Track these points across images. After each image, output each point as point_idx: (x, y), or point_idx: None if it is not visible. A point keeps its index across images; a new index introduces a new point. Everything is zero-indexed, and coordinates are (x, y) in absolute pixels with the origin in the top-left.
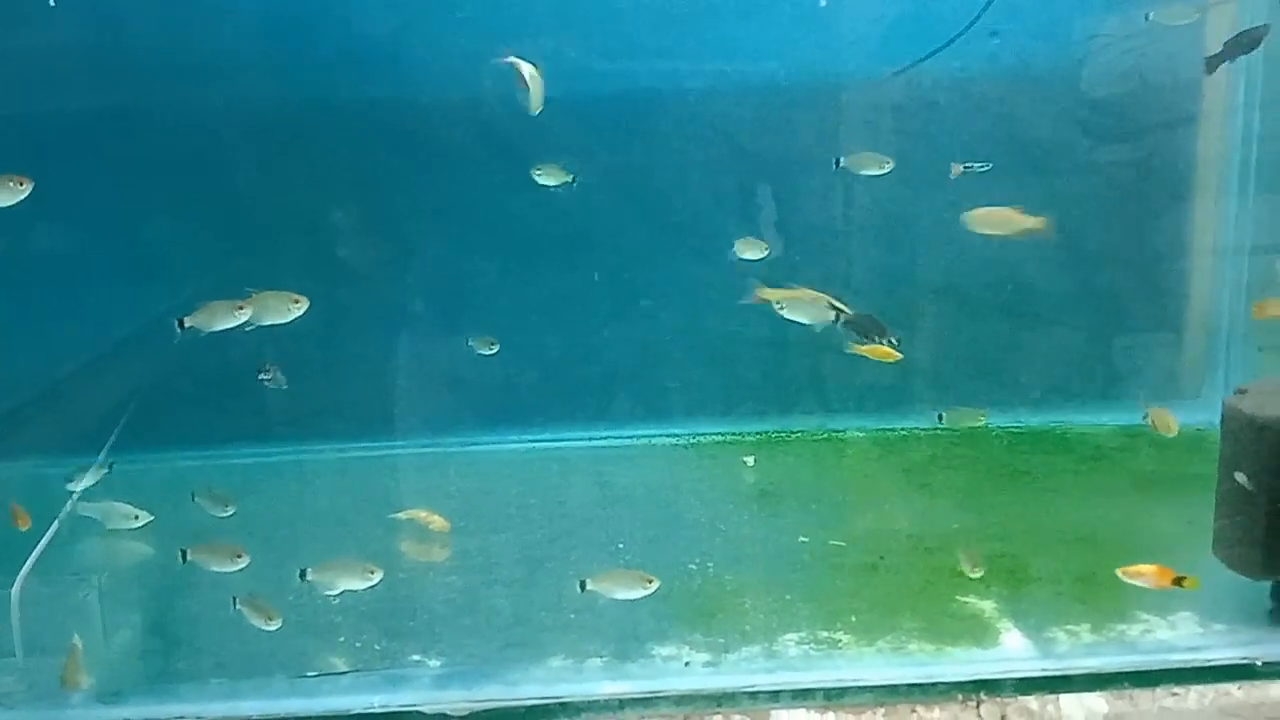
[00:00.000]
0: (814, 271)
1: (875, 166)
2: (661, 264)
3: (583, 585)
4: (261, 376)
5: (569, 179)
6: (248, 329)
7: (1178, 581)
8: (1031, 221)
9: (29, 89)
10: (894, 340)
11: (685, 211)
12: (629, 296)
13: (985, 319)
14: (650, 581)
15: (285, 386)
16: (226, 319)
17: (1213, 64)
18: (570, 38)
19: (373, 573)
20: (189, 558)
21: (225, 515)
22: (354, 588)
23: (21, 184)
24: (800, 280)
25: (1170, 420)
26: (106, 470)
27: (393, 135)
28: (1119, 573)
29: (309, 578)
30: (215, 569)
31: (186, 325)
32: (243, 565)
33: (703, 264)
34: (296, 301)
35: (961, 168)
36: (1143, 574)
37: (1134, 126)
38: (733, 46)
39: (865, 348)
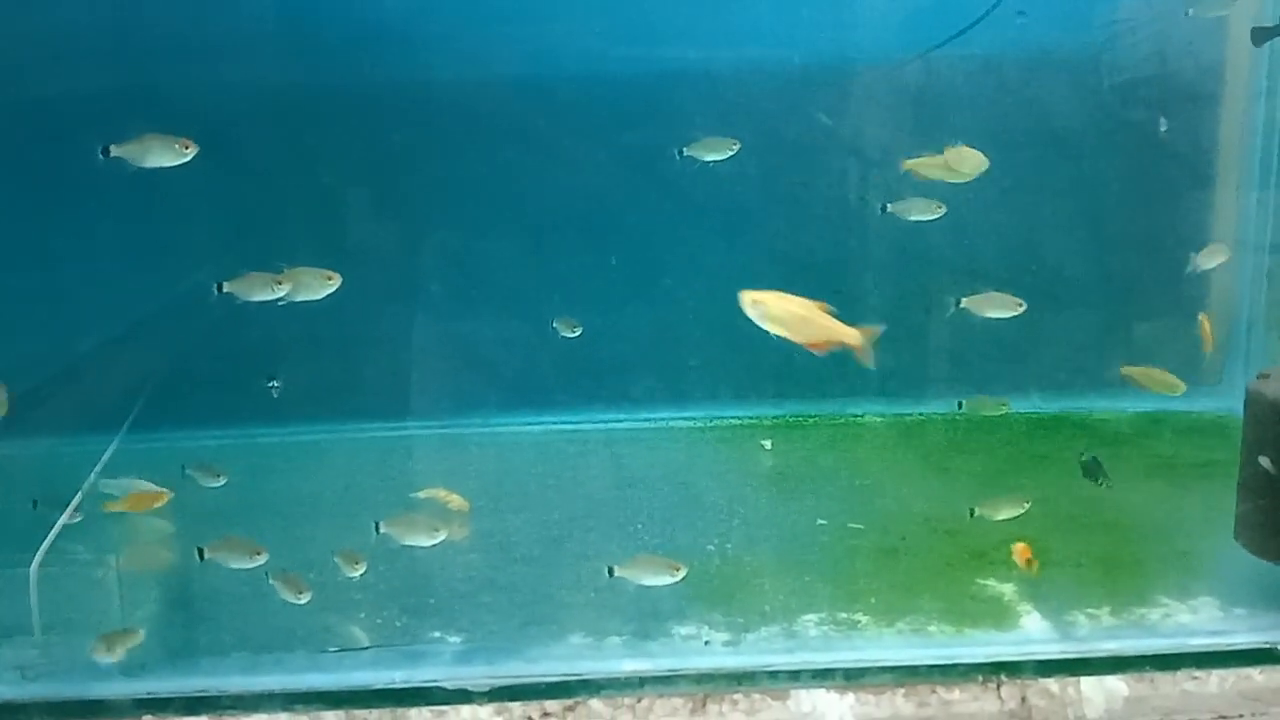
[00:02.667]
0: (831, 255)
1: (721, 151)
2: (681, 246)
3: (611, 571)
4: (271, 384)
5: (734, 148)
6: (280, 303)
7: (1028, 563)
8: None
9: (45, 69)
10: None
11: (705, 193)
12: (648, 278)
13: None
14: (678, 569)
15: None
16: (263, 290)
17: (1260, 37)
18: (588, 19)
19: (438, 530)
20: (207, 556)
21: (216, 485)
22: (421, 544)
23: (187, 147)
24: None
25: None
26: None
27: (412, 116)
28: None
29: (382, 530)
30: (234, 566)
31: (224, 290)
32: (261, 562)
33: (722, 246)
34: (330, 278)
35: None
36: (1015, 551)
37: (1157, 111)
38: (753, 29)
39: None
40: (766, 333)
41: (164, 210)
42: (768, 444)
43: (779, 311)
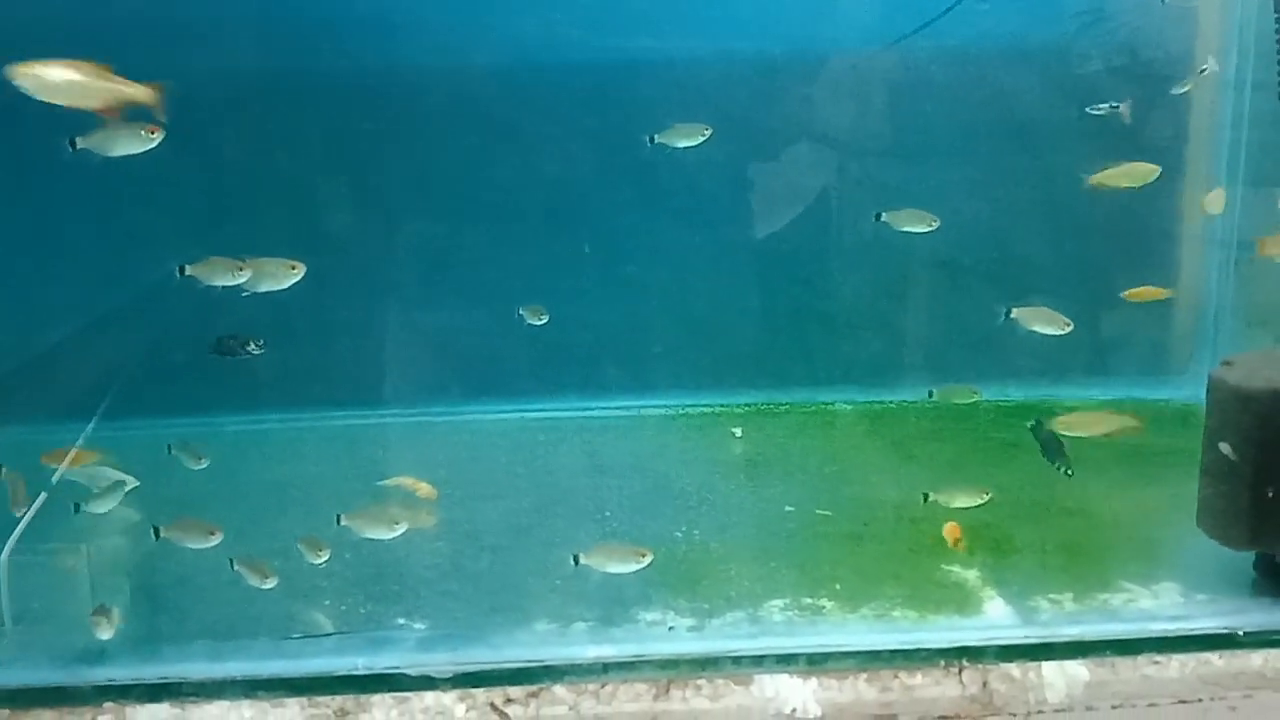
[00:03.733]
0: (799, 244)
1: (693, 137)
2: (648, 234)
3: (576, 560)
4: (249, 347)
5: (706, 134)
6: (243, 294)
7: (956, 543)
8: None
9: (4, 54)
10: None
11: (674, 181)
12: (616, 266)
13: (974, 292)
14: (644, 555)
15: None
16: (225, 275)
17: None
18: (558, 6)
19: (397, 523)
20: (162, 535)
21: (200, 467)
22: (381, 537)
23: (153, 132)
24: (785, 252)
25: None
26: None
27: (379, 103)
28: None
29: (342, 523)
30: (191, 545)
31: (186, 273)
32: (216, 542)
33: (691, 234)
34: (294, 268)
35: None
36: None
37: (1125, 100)
38: (722, 17)
39: None
40: (736, 320)
41: (133, 197)
42: (738, 431)
43: (58, 79)
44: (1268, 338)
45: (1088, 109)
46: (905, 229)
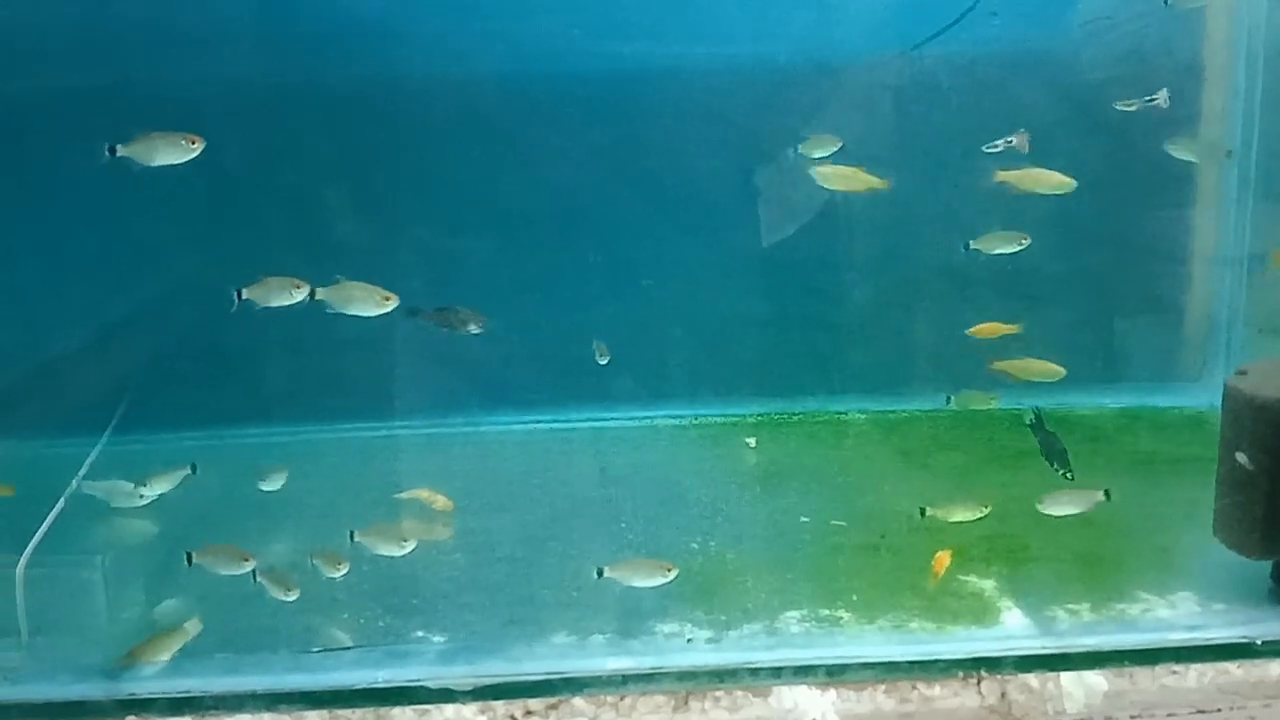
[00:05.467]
0: (810, 253)
1: (827, 147)
2: (659, 243)
3: (600, 572)
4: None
5: (838, 146)
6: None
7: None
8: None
9: (12, 63)
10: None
11: (683, 191)
12: (628, 276)
13: (986, 301)
14: (669, 569)
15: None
16: (283, 295)
17: None
18: (564, 15)
19: (407, 541)
20: (194, 561)
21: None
22: (392, 554)
23: (194, 143)
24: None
25: None
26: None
27: (386, 113)
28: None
29: (356, 540)
30: (222, 572)
31: (244, 297)
32: (249, 569)
33: (701, 243)
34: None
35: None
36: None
37: (1161, 90)
38: (729, 25)
39: None
40: (748, 329)
41: (140, 208)
42: (751, 442)
43: None
44: (1279, 345)
45: (1118, 104)
46: (997, 252)
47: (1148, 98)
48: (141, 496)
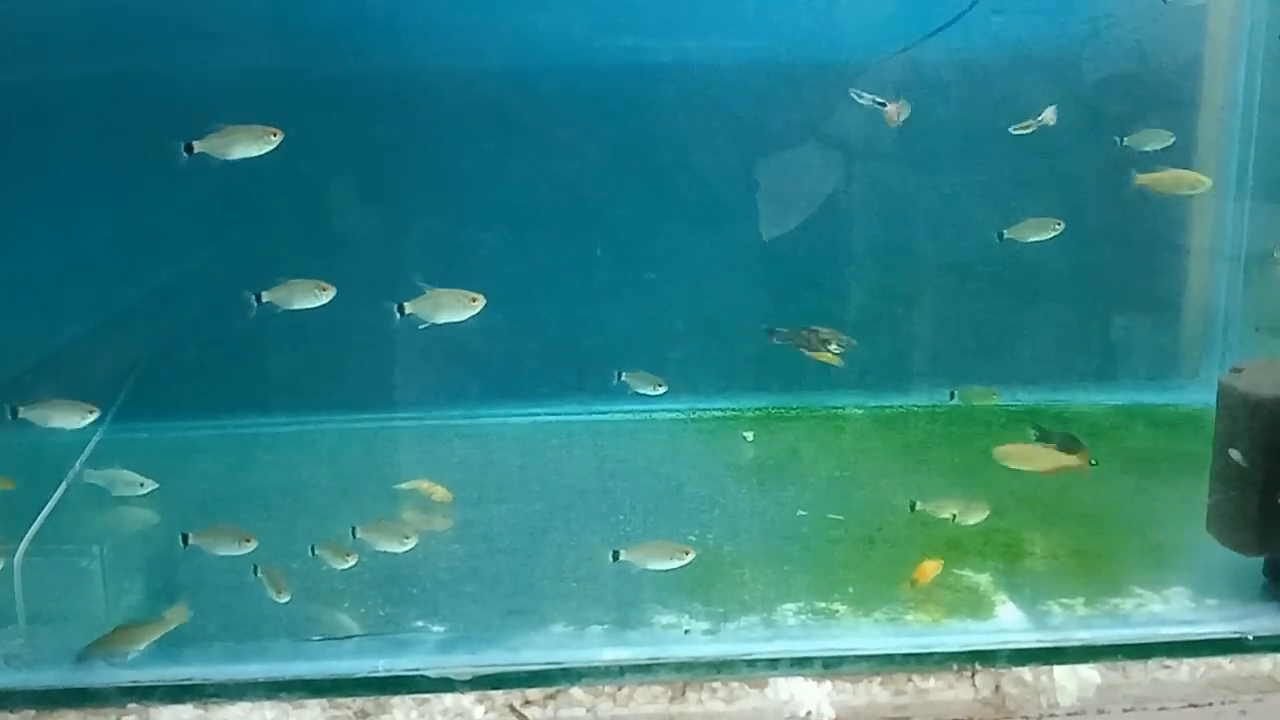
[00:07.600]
0: (812, 249)
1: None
2: (663, 238)
3: (616, 555)
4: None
5: (1058, 228)
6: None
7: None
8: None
9: (25, 54)
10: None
11: (687, 185)
12: (630, 270)
13: (985, 297)
14: (688, 552)
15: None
16: (307, 298)
17: None
18: (573, 9)
19: (408, 537)
20: (190, 542)
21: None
22: (393, 550)
23: (275, 135)
24: (799, 257)
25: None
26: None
27: (394, 106)
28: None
29: (358, 535)
30: (221, 553)
31: (264, 300)
32: (250, 549)
33: (704, 238)
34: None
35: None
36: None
37: (1135, 106)
38: (736, 21)
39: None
40: (748, 324)
41: (144, 199)
42: (749, 435)
43: None
44: (1276, 344)
45: (1013, 129)
46: (1032, 239)
47: (1038, 117)
48: (142, 485)
